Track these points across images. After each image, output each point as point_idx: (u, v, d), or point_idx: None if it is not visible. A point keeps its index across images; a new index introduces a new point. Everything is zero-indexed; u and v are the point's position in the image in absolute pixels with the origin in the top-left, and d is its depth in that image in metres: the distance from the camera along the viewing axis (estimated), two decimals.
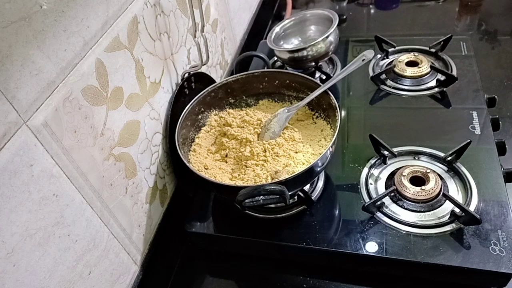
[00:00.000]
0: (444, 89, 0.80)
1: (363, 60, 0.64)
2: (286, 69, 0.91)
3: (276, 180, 0.55)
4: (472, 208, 0.58)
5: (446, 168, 0.65)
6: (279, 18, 1.23)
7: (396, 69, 0.85)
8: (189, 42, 0.73)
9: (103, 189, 0.51)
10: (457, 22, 1.08)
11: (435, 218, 0.59)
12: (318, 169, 0.59)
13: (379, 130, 0.70)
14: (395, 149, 0.68)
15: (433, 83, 0.82)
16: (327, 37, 0.81)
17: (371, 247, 0.57)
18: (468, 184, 0.62)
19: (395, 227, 0.58)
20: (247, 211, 0.65)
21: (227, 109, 0.75)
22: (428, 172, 0.62)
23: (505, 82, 0.88)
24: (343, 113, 0.80)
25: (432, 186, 0.61)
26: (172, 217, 0.70)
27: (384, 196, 0.61)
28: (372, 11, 1.18)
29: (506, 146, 0.67)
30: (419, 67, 0.83)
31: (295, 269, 0.62)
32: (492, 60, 0.94)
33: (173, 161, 0.69)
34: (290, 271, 0.62)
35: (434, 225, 0.58)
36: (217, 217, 0.66)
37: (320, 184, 0.67)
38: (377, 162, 0.68)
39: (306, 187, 0.65)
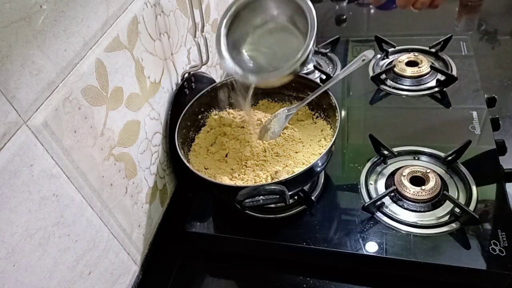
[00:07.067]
0: (444, 89, 0.80)
1: (363, 60, 0.64)
2: None
3: (276, 180, 0.55)
4: (472, 208, 0.58)
5: (446, 168, 0.65)
6: None
7: (396, 69, 0.85)
8: (189, 42, 0.73)
9: (103, 189, 0.51)
10: (457, 22, 1.08)
11: (435, 218, 0.59)
12: (318, 169, 0.59)
13: (379, 130, 0.70)
14: (395, 149, 0.68)
15: (433, 83, 0.82)
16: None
17: (371, 247, 0.57)
18: (468, 184, 0.62)
19: (395, 227, 0.58)
20: (247, 211, 0.65)
21: (227, 109, 0.75)
22: (428, 172, 0.62)
23: (505, 82, 0.88)
24: (343, 113, 0.80)
25: (432, 186, 0.61)
26: (172, 217, 0.70)
27: (384, 196, 0.61)
28: (372, 11, 1.18)
29: (506, 146, 0.67)
30: (419, 67, 0.83)
31: (295, 269, 0.62)
32: (492, 60, 0.94)
33: (173, 161, 0.69)
34: (290, 271, 0.62)
35: (434, 225, 0.58)
36: (217, 217, 0.66)
37: (320, 184, 0.67)
38: (377, 162, 0.68)
39: (306, 187, 0.65)
